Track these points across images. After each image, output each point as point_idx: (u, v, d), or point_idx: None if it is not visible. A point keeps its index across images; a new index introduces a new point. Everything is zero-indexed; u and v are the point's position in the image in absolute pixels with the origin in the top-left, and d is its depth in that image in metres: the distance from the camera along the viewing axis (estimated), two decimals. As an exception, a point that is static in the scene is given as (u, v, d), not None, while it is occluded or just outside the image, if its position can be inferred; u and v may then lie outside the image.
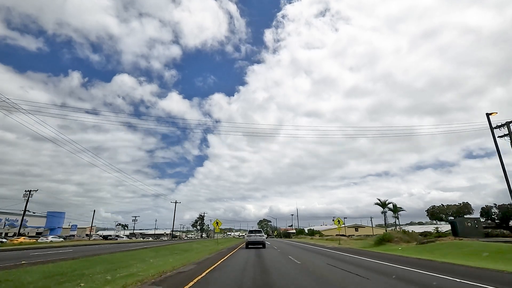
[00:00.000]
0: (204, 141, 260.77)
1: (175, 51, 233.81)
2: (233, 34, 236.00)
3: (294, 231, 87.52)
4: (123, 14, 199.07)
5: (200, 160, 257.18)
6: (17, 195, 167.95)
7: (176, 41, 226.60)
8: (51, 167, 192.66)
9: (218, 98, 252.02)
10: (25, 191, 38.15)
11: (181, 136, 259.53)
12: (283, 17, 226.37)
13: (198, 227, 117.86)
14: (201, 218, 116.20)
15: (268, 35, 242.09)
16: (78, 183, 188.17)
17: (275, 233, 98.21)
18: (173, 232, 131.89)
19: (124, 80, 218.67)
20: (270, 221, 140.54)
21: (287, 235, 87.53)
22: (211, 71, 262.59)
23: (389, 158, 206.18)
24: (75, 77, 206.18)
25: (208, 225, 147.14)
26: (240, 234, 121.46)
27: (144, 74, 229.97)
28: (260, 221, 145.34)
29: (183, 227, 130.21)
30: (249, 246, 21.67)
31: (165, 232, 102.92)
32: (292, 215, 79.30)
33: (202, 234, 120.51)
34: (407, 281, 6.61)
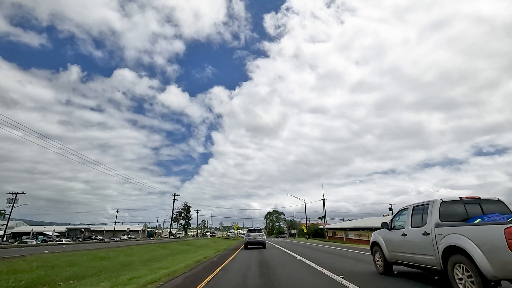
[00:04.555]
0: (208, 138, 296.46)
1: (178, 46, 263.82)
2: (231, 20, 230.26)
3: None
4: (124, 6, 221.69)
5: (205, 157, 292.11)
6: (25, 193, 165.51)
7: (176, 35, 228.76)
8: (58, 165, 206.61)
9: (218, 91, 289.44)
10: None
11: (186, 133, 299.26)
12: (287, 9, 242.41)
13: (182, 221, 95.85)
14: (186, 209, 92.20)
15: (269, 20, 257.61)
16: (85, 180, 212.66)
17: (304, 229, 61.94)
18: (149, 230, 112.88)
19: (126, 75, 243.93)
20: (282, 214, 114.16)
21: (320, 233, 60.41)
22: (210, 62, 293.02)
23: (396, 155, 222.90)
24: (78, 74, 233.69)
25: (205, 220, 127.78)
26: (241, 233, 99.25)
27: (147, 69, 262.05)
28: (269, 213, 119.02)
29: (163, 222, 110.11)
30: (248, 247, 22.11)
31: (128, 229, 79.66)
32: (324, 199, 56.14)
33: (186, 232, 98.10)
34: None
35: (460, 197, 5.61)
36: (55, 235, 59.42)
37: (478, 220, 4.90)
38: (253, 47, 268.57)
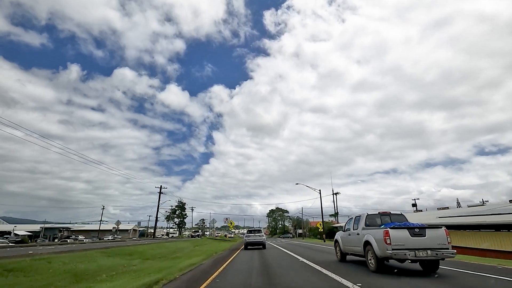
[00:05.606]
0: (209, 138, 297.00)
1: (178, 45, 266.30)
2: (231, 17, 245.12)
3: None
4: (124, 5, 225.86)
5: (206, 157, 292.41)
6: (27, 193, 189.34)
7: (177, 33, 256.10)
8: (60, 165, 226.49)
9: (218, 90, 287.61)
10: None
11: (187, 133, 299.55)
12: (288, 8, 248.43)
13: (176, 219, 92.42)
14: (181, 207, 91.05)
15: (269, 17, 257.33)
16: (86, 180, 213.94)
17: (319, 227, 53.47)
18: (141, 229, 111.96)
19: (126, 74, 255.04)
20: (286, 211, 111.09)
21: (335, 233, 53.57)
22: (210, 60, 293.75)
23: (397, 155, 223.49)
24: (77, 73, 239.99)
25: (204, 219, 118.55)
26: (241, 232, 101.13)
27: (148, 69, 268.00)
28: (272, 211, 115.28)
29: (153, 219, 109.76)
30: (248, 247, 22.10)
31: (114, 228, 69.10)
32: (336, 193, 50.98)
33: (181, 231, 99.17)
34: None
35: (378, 212, 9.43)
36: (14, 235, 56.60)
37: (383, 226, 8.69)
38: (253, 45, 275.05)
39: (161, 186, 58.33)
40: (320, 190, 48.05)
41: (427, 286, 6.26)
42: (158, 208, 58.54)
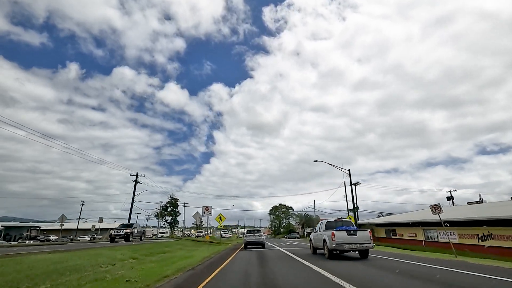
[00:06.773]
0: (210, 138, 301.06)
1: (178, 44, 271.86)
2: (230, 13, 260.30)
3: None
4: (124, 4, 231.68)
5: (207, 157, 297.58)
6: (28, 192, 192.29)
7: (176, 32, 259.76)
8: (60, 164, 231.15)
9: (218, 88, 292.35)
10: None
11: (187, 132, 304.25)
12: (288, 6, 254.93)
13: (167, 217, 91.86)
14: (173, 203, 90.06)
15: (268, 13, 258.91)
16: (87, 180, 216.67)
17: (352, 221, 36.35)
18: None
19: (126, 73, 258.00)
20: (291, 208, 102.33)
21: None
22: (209, 58, 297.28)
23: (399, 154, 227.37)
24: (76, 71, 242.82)
25: (202, 218, 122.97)
26: (241, 232, 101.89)
27: (148, 68, 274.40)
28: (274, 208, 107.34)
29: (147, 219, 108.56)
30: (248, 247, 24.11)
31: (93, 226, 63.74)
32: (356, 183, 42.06)
33: (173, 231, 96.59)
34: None
35: (334, 219, 14.55)
36: None
37: (335, 229, 13.78)
38: (252, 42, 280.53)
39: (137, 173, 48.52)
40: (349, 170, 37.83)
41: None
42: (132, 200, 47.19)
